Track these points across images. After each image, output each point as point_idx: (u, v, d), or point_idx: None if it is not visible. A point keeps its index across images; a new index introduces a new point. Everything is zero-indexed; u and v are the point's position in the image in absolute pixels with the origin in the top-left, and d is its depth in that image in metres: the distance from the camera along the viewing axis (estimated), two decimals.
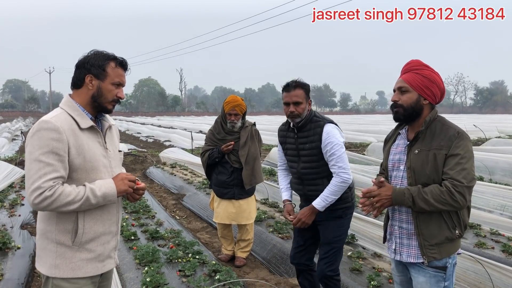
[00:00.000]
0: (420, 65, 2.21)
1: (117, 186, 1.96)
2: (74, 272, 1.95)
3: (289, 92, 2.99)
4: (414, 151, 2.18)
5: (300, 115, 3.00)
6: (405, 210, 2.23)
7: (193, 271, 3.87)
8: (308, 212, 3.03)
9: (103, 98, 2.01)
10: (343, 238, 3.13)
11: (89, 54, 2.03)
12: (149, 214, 6.08)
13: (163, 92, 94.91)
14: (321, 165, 3.03)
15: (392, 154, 2.34)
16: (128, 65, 2.12)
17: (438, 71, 2.25)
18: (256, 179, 4.46)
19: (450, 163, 2.07)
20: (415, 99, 2.17)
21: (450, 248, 2.16)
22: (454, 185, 2.04)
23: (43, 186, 1.80)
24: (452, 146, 2.08)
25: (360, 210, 6.15)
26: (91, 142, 1.99)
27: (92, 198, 1.88)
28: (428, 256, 2.14)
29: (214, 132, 4.51)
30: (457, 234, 2.15)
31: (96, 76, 1.99)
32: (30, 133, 1.90)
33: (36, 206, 1.83)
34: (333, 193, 2.96)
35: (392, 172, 2.32)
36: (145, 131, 27.36)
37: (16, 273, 3.86)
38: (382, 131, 23.53)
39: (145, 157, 12.74)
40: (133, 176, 2.06)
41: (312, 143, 3.02)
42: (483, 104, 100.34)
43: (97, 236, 2.01)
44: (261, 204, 6.68)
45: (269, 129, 24.82)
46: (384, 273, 3.91)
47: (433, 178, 2.11)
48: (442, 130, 2.15)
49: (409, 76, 2.19)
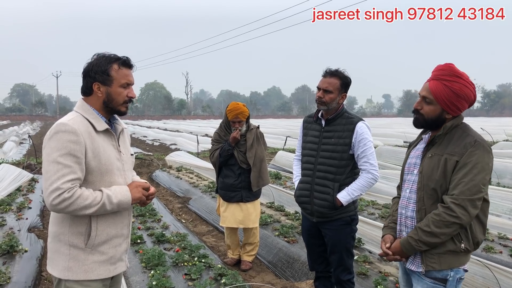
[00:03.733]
0: (452, 75, 2.02)
1: (132, 194, 1.99)
2: (86, 275, 1.96)
3: (324, 77, 2.99)
4: (428, 155, 2.10)
5: (326, 103, 2.96)
6: (410, 215, 2.15)
7: (199, 275, 3.87)
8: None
9: (114, 102, 2.02)
10: (353, 242, 3.16)
11: (92, 60, 2.03)
12: (155, 218, 6.09)
13: (169, 96, 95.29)
14: (338, 165, 2.97)
15: (410, 158, 2.26)
16: (132, 62, 2.09)
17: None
18: (264, 181, 4.47)
19: (459, 173, 1.96)
20: (438, 113, 2.06)
21: (452, 260, 2.03)
22: (453, 199, 1.94)
23: (62, 187, 1.81)
24: (465, 154, 1.96)
25: (367, 214, 6.14)
26: (106, 145, 2.01)
27: (108, 204, 1.90)
28: (427, 265, 2.05)
29: (220, 134, 4.53)
30: (463, 248, 2.02)
31: (103, 82, 1.99)
32: (48, 135, 1.91)
33: (54, 207, 1.84)
34: (361, 188, 2.97)
35: (406, 176, 2.24)
36: (151, 134, 27.44)
37: (24, 276, 3.88)
38: (388, 134, 23.45)
39: (151, 161, 12.77)
40: (147, 184, 2.08)
41: (339, 138, 2.97)
42: (491, 107, 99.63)
43: (110, 239, 2.02)
44: (267, 207, 6.67)
45: (275, 132, 24.83)
46: (391, 278, 3.89)
47: (440, 183, 2.02)
48: (460, 137, 2.03)
49: (437, 87, 2.03)
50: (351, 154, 2.99)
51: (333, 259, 3.10)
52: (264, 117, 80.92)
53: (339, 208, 2.98)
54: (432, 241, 1.98)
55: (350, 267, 3.12)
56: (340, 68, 3.01)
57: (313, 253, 3.27)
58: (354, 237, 3.16)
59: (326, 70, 3.00)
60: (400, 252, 2.12)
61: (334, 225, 3.03)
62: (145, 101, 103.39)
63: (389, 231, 2.28)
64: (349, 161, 2.99)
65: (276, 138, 19.62)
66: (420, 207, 2.09)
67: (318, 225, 3.12)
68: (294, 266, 4.37)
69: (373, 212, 6.33)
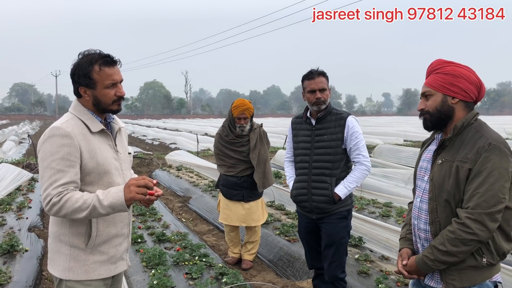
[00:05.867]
0: (441, 63, 1.93)
1: (125, 195, 1.82)
2: (87, 275, 1.96)
3: (314, 79, 3.04)
4: (438, 161, 1.90)
5: (325, 101, 3.06)
6: (423, 228, 1.97)
7: (200, 274, 3.87)
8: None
9: (102, 103, 1.97)
10: (348, 239, 3.21)
11: (75, 62, 1.96)
12: (155, 217, 6.08)
13: (168, 95, 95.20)
14: (334, 160, 3.05)
15: (421, 160, 2.07)
16: (115, 58, 1.97)
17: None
18: (268, 181, 4.44)
19: (473, 182, 1.75)
20: (440, 101, 1.89)
21: (474, 276, 1.82)
22: (468, 213, 1.74)
23: (52, 193, 1.81)
24: (479, 160, 1.75)
25: (367, 213, 6.13)
26: (102, 145, 1.99)
27: (100, 207, 1.80)
28: (447, 282, 1.86)
29: (222, 135, 4.45)
30: (485, 263, 1.80)
31: (87, 86, 1.94)
32: (42, 139, 1.90)
33: (48, 212, 1.86)
34: (356, 180, 3.06)
35: (417, 182, 2.07)
36: (151, 133, 27.41)
37: (24, 275, 3.87)
38: (388, 133, 23.43)
39: (151, 160, 12.76)
40: (143, 180, 1.84)
41: (332, 134, 3.05)
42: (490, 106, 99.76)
43: (110, 239, 2.01)
44: (268, 206, 6.66)
45: (274, 131, 24.80)
46: (392, 276, 3.88)
47: (453, 194, 1.82)
48: (473, 139, 1.81)
49: (431, 78, 1.93)
50: (344, 149, 3.09)
51: (328, 253, 3.12)
52: (264, 116, 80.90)
53: (338, 202, 3.05)
54: (450, 260, 1.81)
55: (344, 264, 3.16)
56: (317, 67, 3.10)
57: (312, 251, 3.30)
58: (349, 233, 3.21)
59: (311, 71, 3.07)
60: (416, 271, 1.95)
61: (332, 219, 3.09)
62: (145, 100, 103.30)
63: (406, 244, 2.09)
64: (342, 155, 3.09)
65: (276, 137, 19.58)
66: (433, 219, 1.91)
67: (317, 222, 3.16)
68: (295, 265, 4.37)
69: (373, 211, 6.33)
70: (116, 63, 1.98)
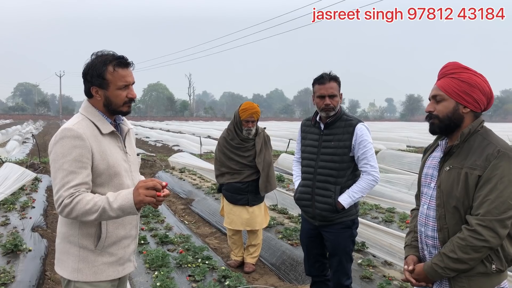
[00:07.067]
0: (458, 67, 1.88)
1: (134, 197, 1.80)
2: (96, 276, 1.96)
3: (324, 84, 2.93)
4: (445, 168, 1.88)
5: (334, 108, 2.96)
6: (431, 235, 1.95)
7: (203, 277, 3.87)
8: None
9: (114, 104, 1.99)
10: (352, 247, 3.15)
11: (89, 61, 1.97)
12: (158, 219, 6.09)
13: (171, 97, 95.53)
14: (339, 168, 2.95)
15: (426, 167, 2.05)
16: (129, 60, 1.99)
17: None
18: (271, 186, 4.44)
19: (483, 189, 1.75)
20: (452, 108, 1.86)
21: (483, 283, 1.82)
22: (479, 220, 1.74)
23: (63, 194, 1.82)
24: (489, 167, 1.75)
25: (370, 218, 6.12)
26: (113, 147, 2.00)
27: (109, 210, 1.80)
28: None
29: (228, 139, 4.42)
30: (494, 269, 1.80)
31: (100, 86, 1.95)
32: (53, 141, 1.90)
33: (60, 214, 1.86)
34: (361, 190, 2.94)
35: (423, 189, 2.04)
36: (154, 135, 27.46)
37: (28, 275, 3.88)
38: (391, 139, 23.39)
39: (154, 161, 12.78)
40: (151, 182, 1.80)
41: (339, 141, 2.96)
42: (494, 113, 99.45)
43: (119, 240, 2.01)
44: (270, 210, 6.66)
45: (278, 135, 24.83)
46: (395, 282, 3.87)
47: (462, 201, 1.81)
48: (481, 146, 1.82)
49: (445, 82, 1.87)
50: (351, 157, 2.98)
51: (333, 262, 3.09)
52: (267, 120, 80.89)
53: (341, 211, 2.96)
54: (460, 268, 1.80)
55: (349, 272, 3.10)
56: (329, 71, 2.99)
57: (311, 257, 3.24)
58: (354, 242, 3.14)
59: (322, 76, 2.95)
60: (425, 279, 1.93)
61: (335, 228, 3.02)
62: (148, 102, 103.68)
63: (412, 251, 2.07)
64: (349, 163, 2.98)
65: (279, 140, 19.59)
66: (441, 226, 1.89)
67: (320, 229, 3.10)
68: (298, 269, 4.36)
69: (376, 216, 6.32)
70: (129, 65, 2.00)
